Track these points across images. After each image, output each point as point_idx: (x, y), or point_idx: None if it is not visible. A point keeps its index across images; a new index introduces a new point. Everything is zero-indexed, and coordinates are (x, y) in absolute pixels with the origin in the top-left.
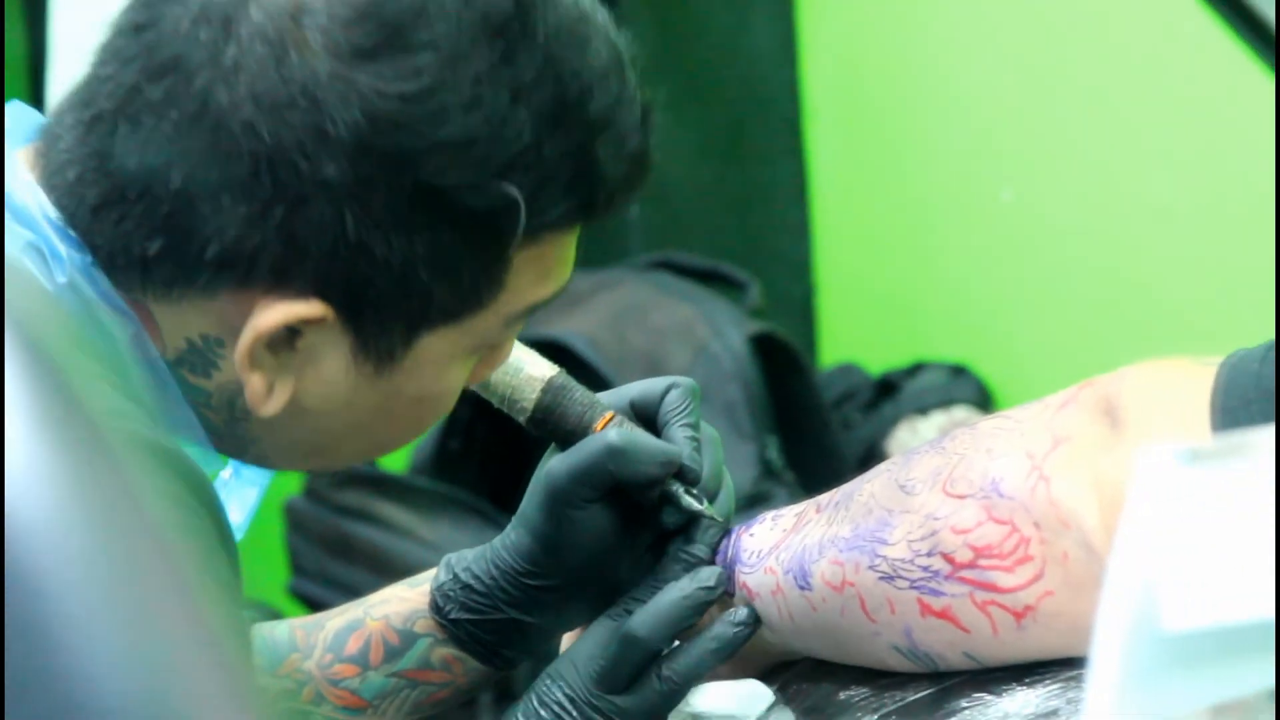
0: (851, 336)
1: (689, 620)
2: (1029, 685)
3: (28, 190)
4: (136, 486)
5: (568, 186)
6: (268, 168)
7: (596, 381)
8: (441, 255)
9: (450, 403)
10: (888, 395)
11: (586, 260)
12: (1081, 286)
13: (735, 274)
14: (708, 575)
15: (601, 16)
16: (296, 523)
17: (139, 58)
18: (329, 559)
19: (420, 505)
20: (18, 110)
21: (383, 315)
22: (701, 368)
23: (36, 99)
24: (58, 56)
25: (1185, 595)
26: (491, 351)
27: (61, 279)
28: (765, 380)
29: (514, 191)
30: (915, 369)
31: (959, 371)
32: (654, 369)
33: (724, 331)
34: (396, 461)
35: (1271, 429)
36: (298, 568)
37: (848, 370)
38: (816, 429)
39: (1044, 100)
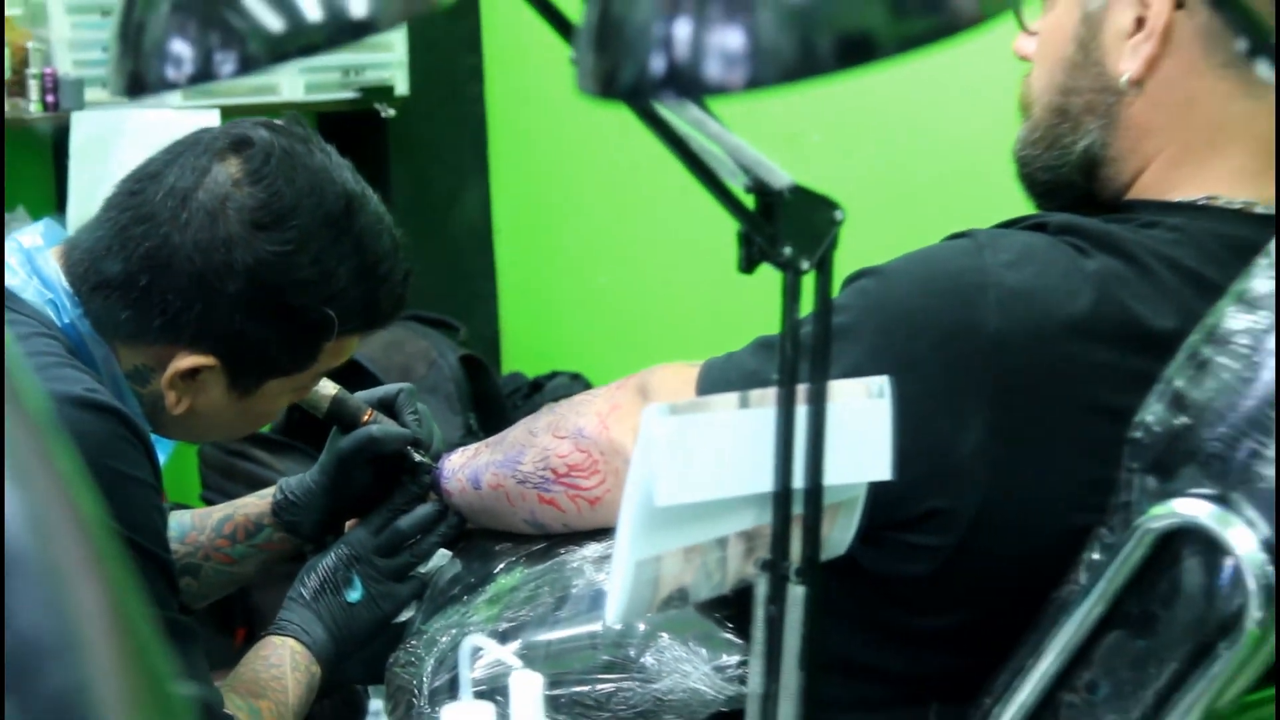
0: (518, 358)
1: (429, 526)
2: (597, 540)
3: (54, 272)
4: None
5: (360, 314)
6: (197, 283)
7: (372, 379)
8: (285, 342)
9: (278, 415)
10: (537, 391)
11: None
12: (643, 328)
13: (452, 321)
14: (438, 505)
15: (389, 220)
16: (205, 459)
17: (130, 210)
18: (223, 480)
19: (275, 450)
20: (52, 225)
21: (247, 369)
22: (433, 375)
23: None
24: (72, 195)
25: (668, 485)
26: (305, 390)
27: (66, 320)
28: (469, 381)
29: (331, 314)
30: (552, 375)
31: (576, 377)
32: (405, 374)
33: (446, 354)
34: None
35: (718, 397)
36: (205, 485)
37: (515, 376)
38: (497, 410)
39: (630, 222)
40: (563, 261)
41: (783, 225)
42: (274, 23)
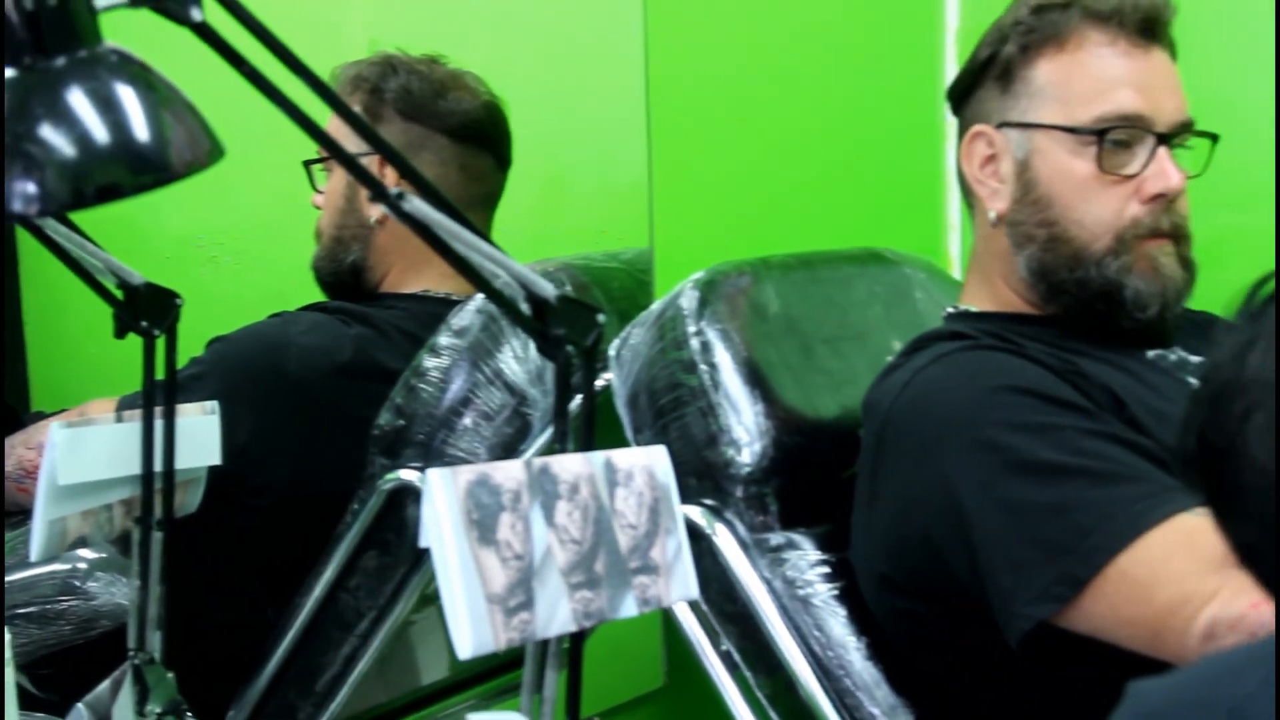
0: (42, 403)
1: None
2: None
3: None
4: None
5: None
6: None
7: None
8: None
9: None
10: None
11: None
12: (120, 382)
13: None
14: None
15: None
16: None
17: None
18: None
19: None
20: None
21: None
22: None
23: None
24: None
25: (65, 470)
26: None
27: None
28: None
29: None
30: (61, 410)
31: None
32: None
33: None
34: None
35: (102, 415)
36: None
37: (40, 413)
38: None
39: None
40: (70, 342)
41: (141, 307)
42: None
